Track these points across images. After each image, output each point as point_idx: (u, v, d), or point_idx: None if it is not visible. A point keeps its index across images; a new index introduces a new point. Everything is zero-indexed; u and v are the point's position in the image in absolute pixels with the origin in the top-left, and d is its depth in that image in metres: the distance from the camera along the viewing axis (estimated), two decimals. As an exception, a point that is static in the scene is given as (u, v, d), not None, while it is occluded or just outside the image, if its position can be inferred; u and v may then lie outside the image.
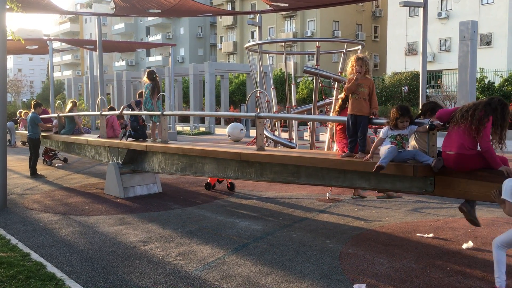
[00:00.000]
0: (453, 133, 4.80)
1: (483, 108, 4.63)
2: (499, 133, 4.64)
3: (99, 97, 13.91)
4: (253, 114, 7.22)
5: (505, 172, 4.48)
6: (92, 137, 11.33)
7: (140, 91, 10.31)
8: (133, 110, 9.97)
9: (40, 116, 13.02)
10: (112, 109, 12.44)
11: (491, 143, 4.61)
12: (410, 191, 5.36)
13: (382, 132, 5.29)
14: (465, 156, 4.67)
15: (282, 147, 10.99)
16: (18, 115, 20.00)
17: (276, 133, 13.02)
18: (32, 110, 12.77)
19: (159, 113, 9.01)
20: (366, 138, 5.73)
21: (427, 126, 5.00)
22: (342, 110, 6.72)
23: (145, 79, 9.50)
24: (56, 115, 13.47)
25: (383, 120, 5.56)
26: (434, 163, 4.86)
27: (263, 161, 6.60)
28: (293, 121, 12.98)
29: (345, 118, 5.94)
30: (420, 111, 5.78)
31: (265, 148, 7.22)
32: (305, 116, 12.60)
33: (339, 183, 5.93)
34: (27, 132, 13.18)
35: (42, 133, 12.87)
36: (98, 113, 11.10)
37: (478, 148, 4.69)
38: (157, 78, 9.55)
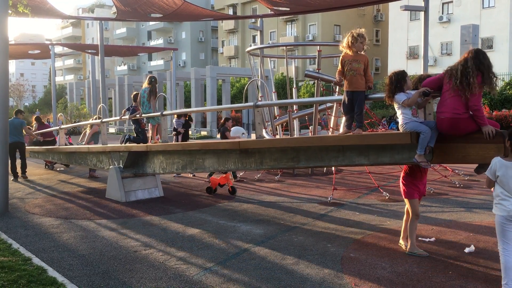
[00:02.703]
0: (446, 99, 4.86)
1: (474, 71, 4.67)
2: (489, 82, 4.70)
3: (100, 105, 13.94)
4: (251, 104, 7.25)
5: (485, 132, 4.62)
6: (93, 145, 11.40)
7: (134, 92, 10.35)
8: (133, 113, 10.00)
9: (42, 131, 13.20)
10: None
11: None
12: (408, 162, 5.33)
13: (400, 97, 5.13)
14: (458, 119, 4.73)
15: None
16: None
17: (277, 137, 13.02)
18: (14, 116, 12.44)
19: (159, 113, 9.06)
20: (363, 114, 5.78)
21: (421, 92, 5.00)
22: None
23: (145, 83, 9.64)
24: (58, 128, 13.54)
25: (380, 95, 5.58)
26: (416, 158, 4.94)
27: (262, 148, 6.65)
28: (294, 125, 13.00)
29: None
30: (412, 87, 5.77)
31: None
32: (306, 99, 12.65)
33: (339, 162, 5.96)
34: (30, 147, 13.35)
35: (44, 146, 12.86)
36: (99, 121, 11.11)
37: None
38: (155, 82, 9.63)
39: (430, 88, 5.03)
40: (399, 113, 5.20)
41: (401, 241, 5.80)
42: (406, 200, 5.57)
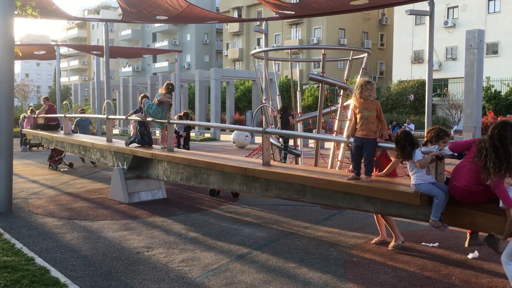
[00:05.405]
0: (463, 167, 4.63)
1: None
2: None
3: (106, 101, 13.96)
4: (260, 129, 7.16)
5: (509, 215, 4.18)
6: (98, 140, 11.39)
7: (142, 94, 10.29)
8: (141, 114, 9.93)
9: (48, 116, 13.28)
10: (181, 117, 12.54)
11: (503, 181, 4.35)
12: (416, 218, 5.21)
13: (418, 155, 4.95)
14: (472, 191, 4.52)
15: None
16: (21, 118, 20.28)
17: (281, 139, 13.00)
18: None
19: (165, 121, 9.02)
20: (372, 161, 5.61)
21: (434, 157, 4.84)
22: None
23: (162, 89, 9.47)
24: (63, 115, 13.60)
25: (389, 145, 5.47)
26: (432, 224, 4.76)
27: (268, 178, 6.53)
28: (298, 128, 12.98)
29: (348, 140, 5.92)
30: (425, 139, 5.62)
31: (271, 162, 7.14)
32: (310, 134, 12.55)
33: (345, 204, 5.80)
34: (33, 130, 13.40)
35: (47, 129, 13.07)
36: (104, 116, 11.14)
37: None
38: (172, 90, 9.50)
39: (454, 150, 4.83)
40: (412, 171, 4.99)
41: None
42: None
